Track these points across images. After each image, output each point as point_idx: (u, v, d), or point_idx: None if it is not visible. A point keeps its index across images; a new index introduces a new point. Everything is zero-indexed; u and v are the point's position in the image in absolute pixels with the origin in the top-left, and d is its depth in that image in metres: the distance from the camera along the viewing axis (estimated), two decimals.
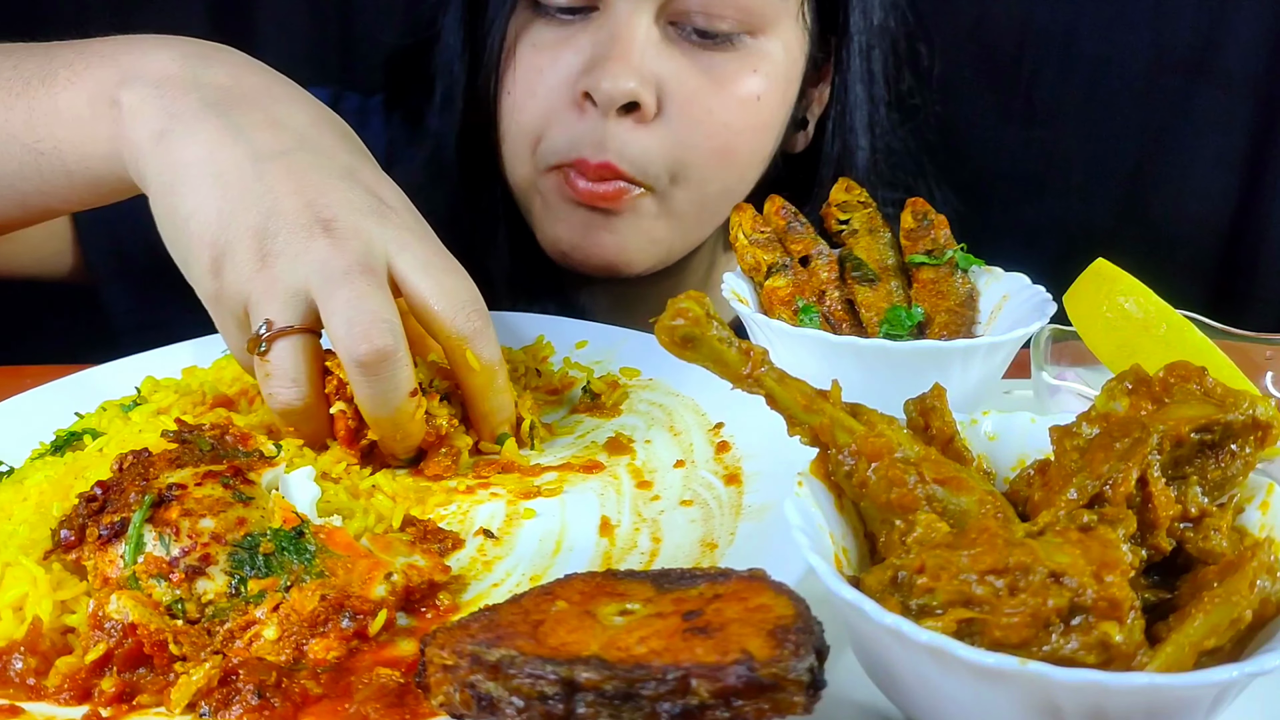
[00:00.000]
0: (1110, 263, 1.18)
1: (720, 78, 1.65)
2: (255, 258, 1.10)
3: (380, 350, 1.06)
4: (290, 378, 1.11)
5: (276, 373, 1.11)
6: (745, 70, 1.66)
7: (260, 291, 1.09)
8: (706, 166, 1.68)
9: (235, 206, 1.12)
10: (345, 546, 0.93)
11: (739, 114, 1.67)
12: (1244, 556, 0.72)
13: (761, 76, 1.67)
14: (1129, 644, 0.67)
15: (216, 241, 1.11)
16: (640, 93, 1.58)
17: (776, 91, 1.71)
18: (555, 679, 0.66)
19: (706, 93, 1.64)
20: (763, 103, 1.69)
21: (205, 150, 1.15)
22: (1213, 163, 2.22)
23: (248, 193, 1.12)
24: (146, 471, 0.96)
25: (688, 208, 1.72)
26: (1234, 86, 2.16)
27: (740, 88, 1.66)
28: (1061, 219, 2.25)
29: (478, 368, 1.15)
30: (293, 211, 1.11)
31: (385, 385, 1.08)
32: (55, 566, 0.95)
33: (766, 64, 1.67)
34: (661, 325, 0.84)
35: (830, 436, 0.82)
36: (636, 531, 1.05)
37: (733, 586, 0.74)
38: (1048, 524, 0.74)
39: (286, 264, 1.09)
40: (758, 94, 1.67)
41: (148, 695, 0.84)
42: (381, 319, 1.07)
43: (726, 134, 1.67)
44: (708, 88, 1.64)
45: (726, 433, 1.19)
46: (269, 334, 1.09)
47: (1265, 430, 0.79)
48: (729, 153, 1.69)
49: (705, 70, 1.64)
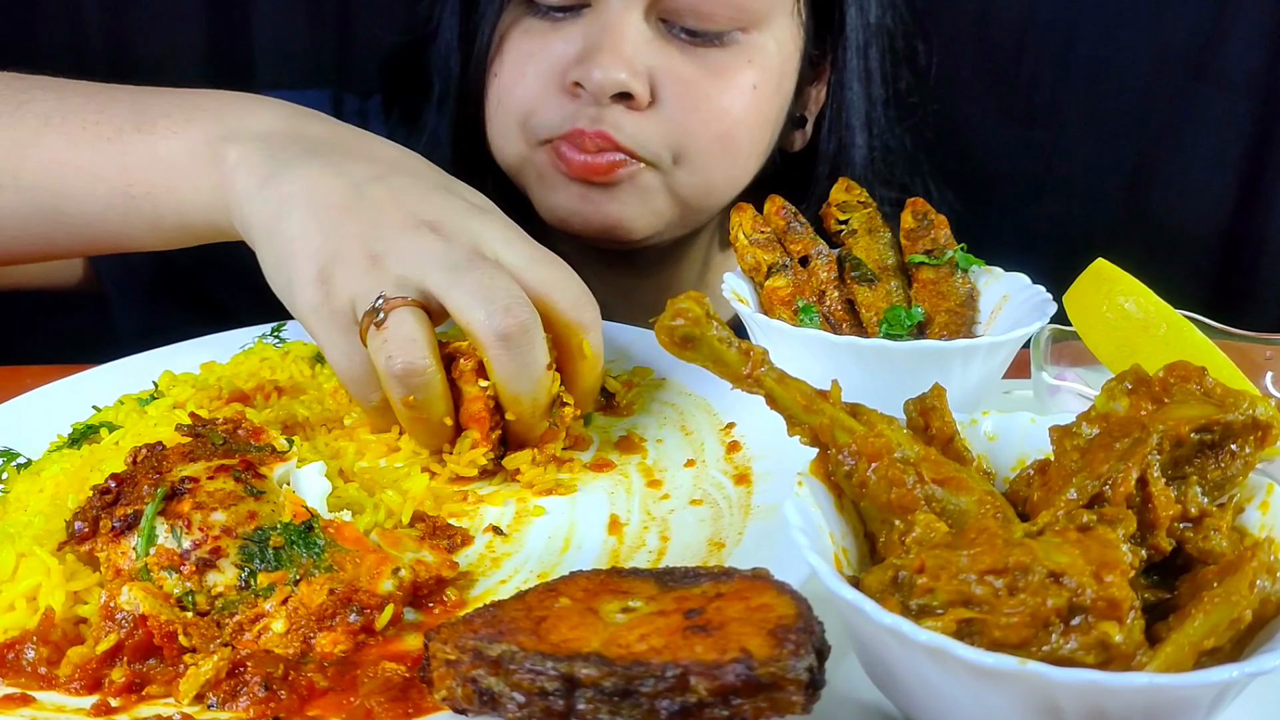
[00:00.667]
0: (1110, 263, 1.19)
1: (715, 69, 1.64)
2: (364, 259, 1.12)
3: (523, 322, 1.08)
4: (410, 338, 1.09)
5: (395, 336, 1.09)
6: (739, 63, 1.65)
7: (372, 284, 1.11)
8: (708, 153, 1.67)
9: (340, 220, 1.14)
10: (354, 541, 0.94)
11: (736, 101, 1.65)
12: (1244, 556, 0.72)
13: (756, 68, 1.66)
14: (1129, 644, 0.67)
15: (321, 252, 1.13)
16: (631, 83, 1.56)
17: (772, 83, 1.70)
18: (555, 675, 0.67)
19: (702, 81, 1.63)
20: (759, 92, 1.67)
21: (308, 183, 1.18)
22: (1213, 163, 2.22)
23: (350, 209, 1.15)
24: (160, 465, 0.96)
25: (691, 191, 1.70)
26: (1234, 86, 2.16)
27: (736, 78, 1.65)
28: (1061, 219, 2.25)
29: (590, 355, 1.18)
30: (398, 218, 1.14)
31: (527, 358, 1.10)
32: (69, 557, 0.96)
33: (761, 57, 1.66)
34: (661, 325, 0.84)
35: (830, 436, 0.83)
36: (645, 530, 1.06)
37: (735, 586, 0.74)
38: (1047, 524, 0.75)
39: (397, 259, 1.11)
40: (753, 83, 1.66)
41: (157, 686, 0.85)
42: (516, 294, 1.10)
43: (725, 120, 1.65)
44: (703, 77, 1.63)
45: (738, 432, 1.20)
46: (384, 304, 1.09)
47: (1265, 430, 0.80)
48: (729, 139, 1.68)
49: (699, 63, 1.63)
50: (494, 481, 1.16)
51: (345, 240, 1.13)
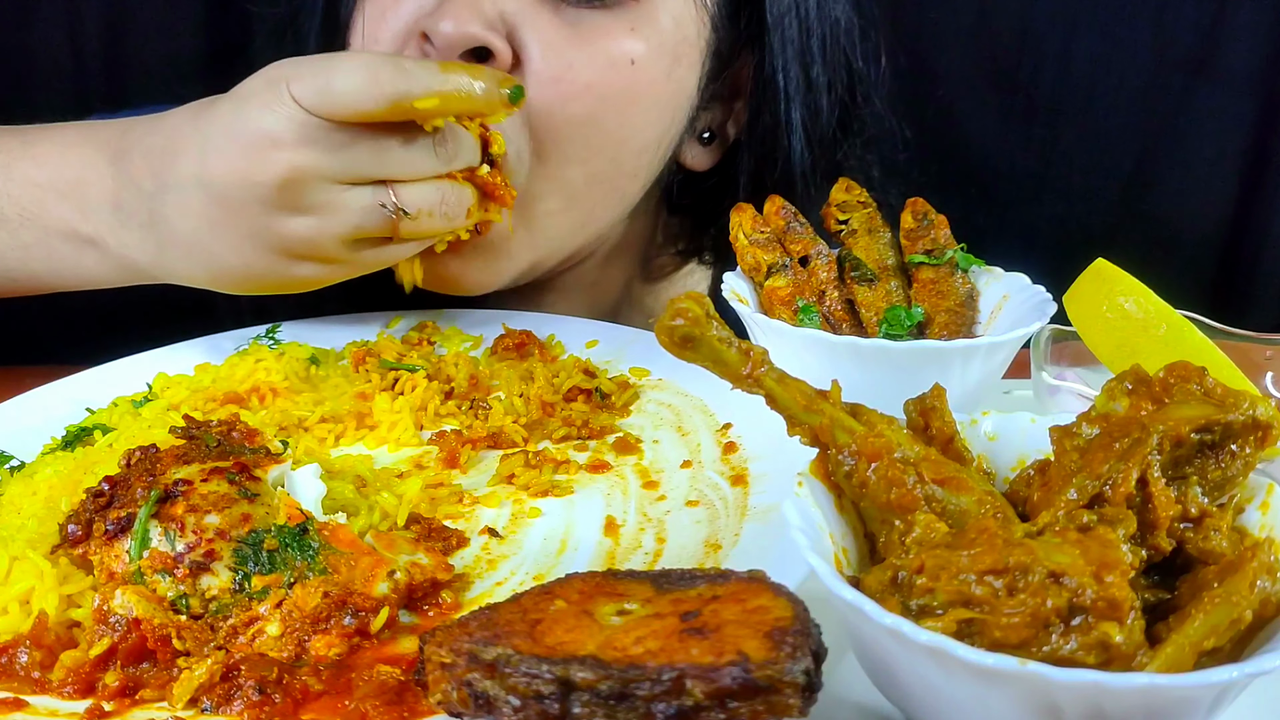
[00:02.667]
0: (1110, 263, 1.19)
1: (587, 33, 1.38)
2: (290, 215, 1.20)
3: None
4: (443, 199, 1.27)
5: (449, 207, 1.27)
6: (619, 28, 1.40)
7: (333, 221, 1.21)
8: (568, 141, 1.40)
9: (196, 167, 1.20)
10: (349, 544, 0.94)
11: (607, 76, 1.39)
12: (1244, 557, 0.72)
13: (639, 39, 1.41)
14: (1129, 644, 0.67)
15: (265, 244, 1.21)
16: (487, 37, 1.33)
17: (658, 62, 1.44)
18: (551, 678, 0.67)
19: (568, 44, 1.37)
20: (638, 69, 1.41)
21: None
22: (1213, 163, 2.22)
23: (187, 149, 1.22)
24: (153, 467, 0.96)
25: (558, 215, 1.46)
26: (1234, 86, 2.16)
27: (610, 46, 1.39)
28: (1061, 219, 2.25)
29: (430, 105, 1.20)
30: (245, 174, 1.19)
31: None
32: (62, 561, 0.96)
33: (647, 27, 1.42)
34: (661, 325, 0.84)
35: (830, 436, 0.82)
36: (641, 531, 1.06)
37: (732, 588, 0.74)
38: (1047, 524, 0.74)
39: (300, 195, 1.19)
40: (631, 57, 1.40)
41: (151, 690, 0.85)
42: None
43: (589, 98, 1.38)
44: (570, 39, 1.38)
45: (734, 433, 1.20)
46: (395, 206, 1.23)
47: (1265, 430, 0.79)
48: (595, 124, 1.41)
49: (571, 24, 1.38)
50: (491, 483, 1.16)
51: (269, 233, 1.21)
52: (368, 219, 1.22)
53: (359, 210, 1.22)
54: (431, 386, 1.30)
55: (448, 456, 1.20)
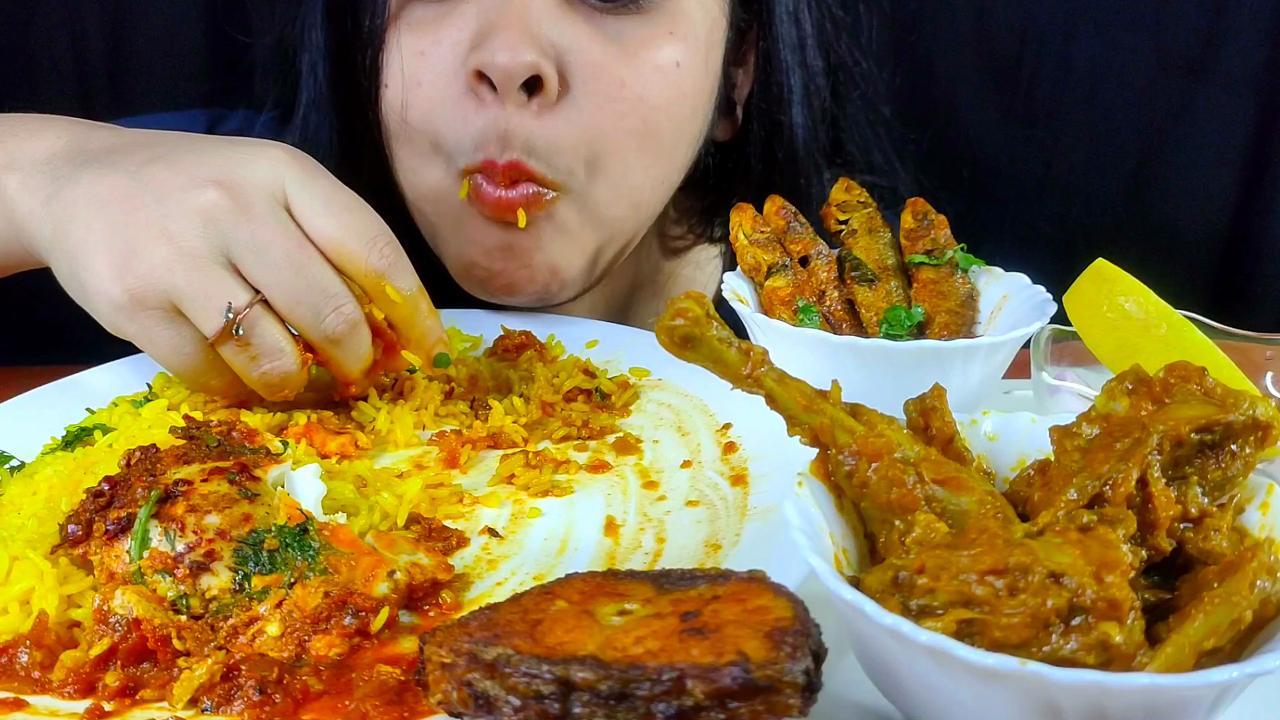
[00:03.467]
0: (1110, 263, 1.18)
1: (631, 45, 1.42)
2: (159, 240, 1.12)
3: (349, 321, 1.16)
4: (277, 347, 1.15)
5: (265, 349, 1.15)
6: (659, 34, 1.43)
7: (184, 272, 1.11)
8: (626, 151, 1.45)
9: (122, 210, 1.14)
10: (349, 544, 0.94)
11: (657, 85, 1.44)
12: (1244, 557, 0.72)
13: (679, 40, 1.45)
14: (1129, 644, 0.67)
15: (112, 246, 1.13)
16: (541, 65, 1.34)
17: (698, 57, 1.49)
18: (551, 678, 0.66)
19: (616, 62, 1.41)
20: (683, 70, 1.46)
21: (87, 188, 1.18)
22: (1213, 163, 2.22)
23: (131, 197, 1.14)
24: (153, 467, 0.96)
25: (614, 208, 1.49)
26: (1234, 86, 2.17)
27: (655, 54, 1.43)
28: (1061, 219, 2.25)
29: (399, 300, 1.19)
30: (180, 186, 1.14)
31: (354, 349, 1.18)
32: (62, 561, 0.96)
33: (684, 25, 1.46)
34: (661, 325, 0.84)
35: (830, 437, 0.82)
36: (641, 532, 1.06)
37: (732, 588, 0.74)
38: (1047, 524, 0.74)
39: (194, 230, 1.11)
40: (676, 60, 1.45)
41: (151, 690, 0.85)
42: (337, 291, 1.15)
43: (644, 109, 1.43)
44: (617, 56, 1.41)
45: (734, 433, 1.20)
46: (235, 316, 1.12)
47: (1265, 430, 0.79)
48: (650, 133, 1.46)
49: (613, 38, 1.41)
50: (491, 483, 1.16)
51: (134, 229, 1.12)
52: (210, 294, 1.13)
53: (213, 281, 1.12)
54: (432, 386, 1.30)
55: (448, 456, 1.20)
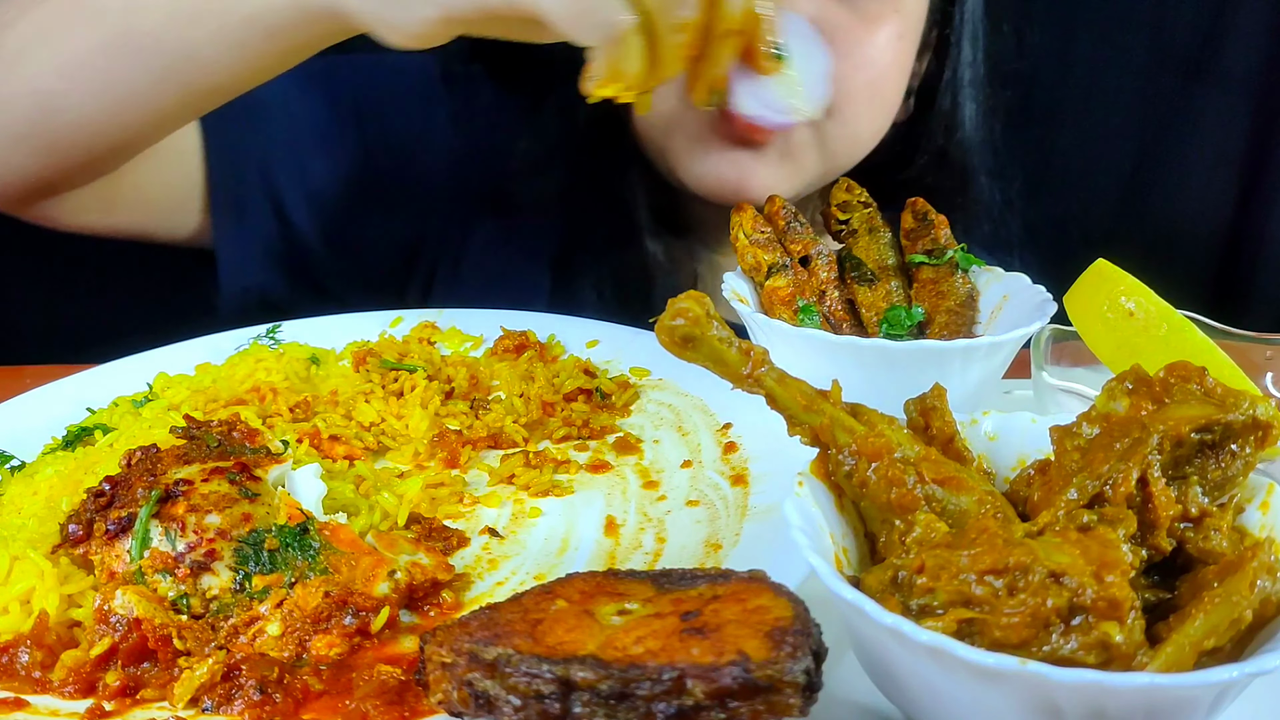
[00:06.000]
0: (1110, 263, 1.18)
1: (866, 16, 1.62)
2: None
3: None
4: None
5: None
6: (887, 11, 1.64)
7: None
8: (859, 101, 1.64)
9: None
10: (350, 543, 0.94)
11: (885, 49, 1.64)
12: (1244, 556, 0.72)
13: (902, 17, 1.65)
14: (1129, 644, 0.67)
15: None
16: None
17: (911, 36, 1.70)
18: (551, 678, 0.67)
19: (854, 26, 1.60)
20: (903, 43, 1.67)
21: None
22: (1212, 163, 2.22)
23: None
24: (154, 467, 0.96)
25: (840, 145, 1.67)
26: (1234, 86, 2.16)
27: (884, 26, 1.63)
28: (1061, 219, 2.25)
29: None
30: None
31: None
32: (63, 561, 0.96)
33: (907, 5, 1.66)
34: (662, 325, 0.84)
35: (830, 436, 0.82)
36: (641, 531, 1.06)
37: (732, 588, 0.74)
38: (1047, 524, 0.74)
39: None
40: (899, 32, 1.65)
41: (151, 690, 0.85)
42: None
43: (875, 68, 1.64)
44: (855, 22, 1.60)
45: (734, 433, 1.20)
46: None
47: (1265, 430, 0.79)
48: (878, 88, 1.67)
49: (850, 8, 1.61)
50: (491, 483, 1.16)
51: None
52: None
53: None
54: (431, 386, 1.30)
55: (448, 456, 1.20)
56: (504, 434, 1.24)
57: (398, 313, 1.54)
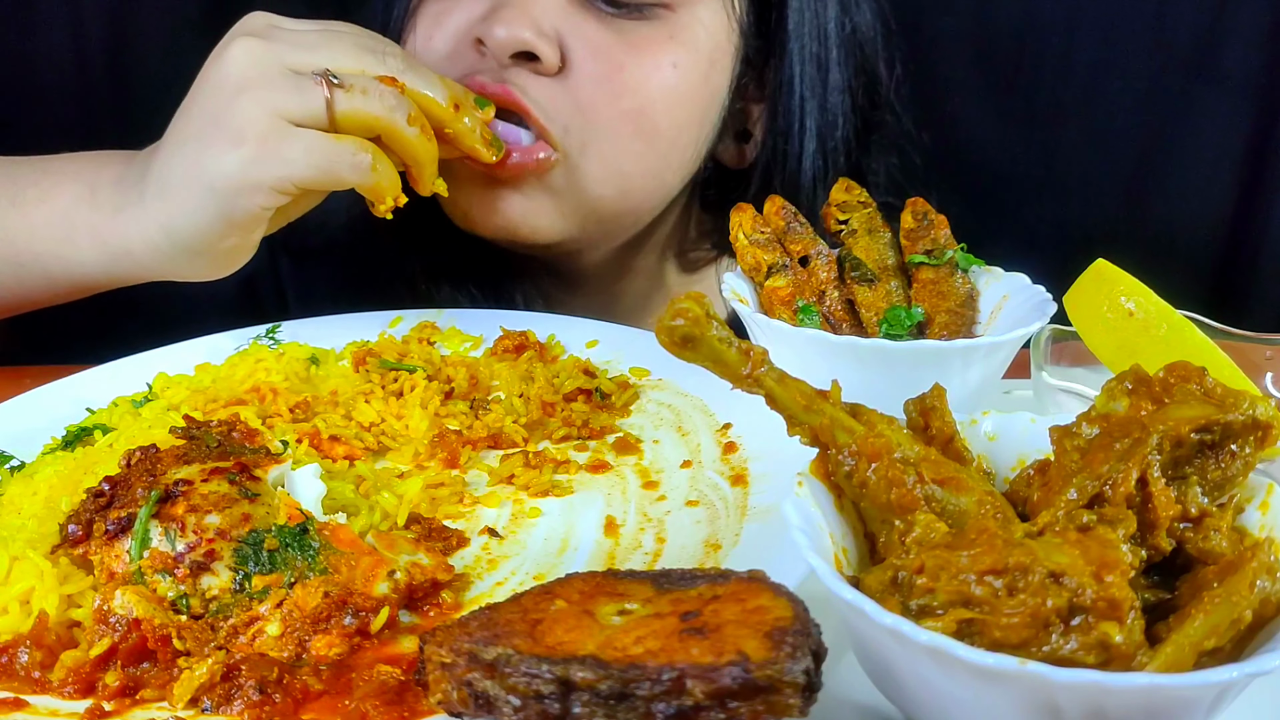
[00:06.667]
0: (1110, 263, 1.18)
1: (633, 41, 1.52)
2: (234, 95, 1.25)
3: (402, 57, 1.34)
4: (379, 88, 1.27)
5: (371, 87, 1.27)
6: (660, 37, 1.53)
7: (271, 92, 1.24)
8: (620, 133, 1.53)
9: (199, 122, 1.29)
10: (349, 544, 0.94)
11: (653, 75, 1.53)
12: (1244, 557, 0.72)
13: (679, 45, 1.54)
14: (1129, 644, 0.67)
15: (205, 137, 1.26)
16: (535, 43, 1.46)
17: (698, 67, 1.57)
18: (551, 678, 0.67)
19: (617, 49, 1.51)
20: (680, 72, 1.55)
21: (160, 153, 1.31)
22: (1213, 163, 2.22)
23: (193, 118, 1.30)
24: (154, 467, 0.96)
25: (603, 188, 1.57)
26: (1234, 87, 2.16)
27: (655, 52, 1.53)
28: (1061, 219, 2.24)
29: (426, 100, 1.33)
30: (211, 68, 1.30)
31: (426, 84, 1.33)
32: (63, 561, 0.96)
33: (685, 34, 1.55)
34: (662, 325, 0.84)
35: (830, 436, 0.82)
36: (641, 532, 1.06)
37: (732, 588, 0.74)
38: (1047, 524, 0.74)
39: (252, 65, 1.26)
40: (674, 60, 1.54)
41: (151, 690, 0.85)
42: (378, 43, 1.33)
43: (640, 94, 1.53)
44: (619, 46, 1.51)
45: (734, 433, 1.20)
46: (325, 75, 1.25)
47: (1265, 430, 0.79)
48: (644, 117, 1.54)
49: (616, 33, 1.52)
50: (490, 483, 1.16)
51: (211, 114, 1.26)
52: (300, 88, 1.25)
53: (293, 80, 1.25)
54: (431, 386, 1.30)
55: (448, 456, 1.20)
56: (504, 434, 1.24)
57: (398, 313, 1.55)
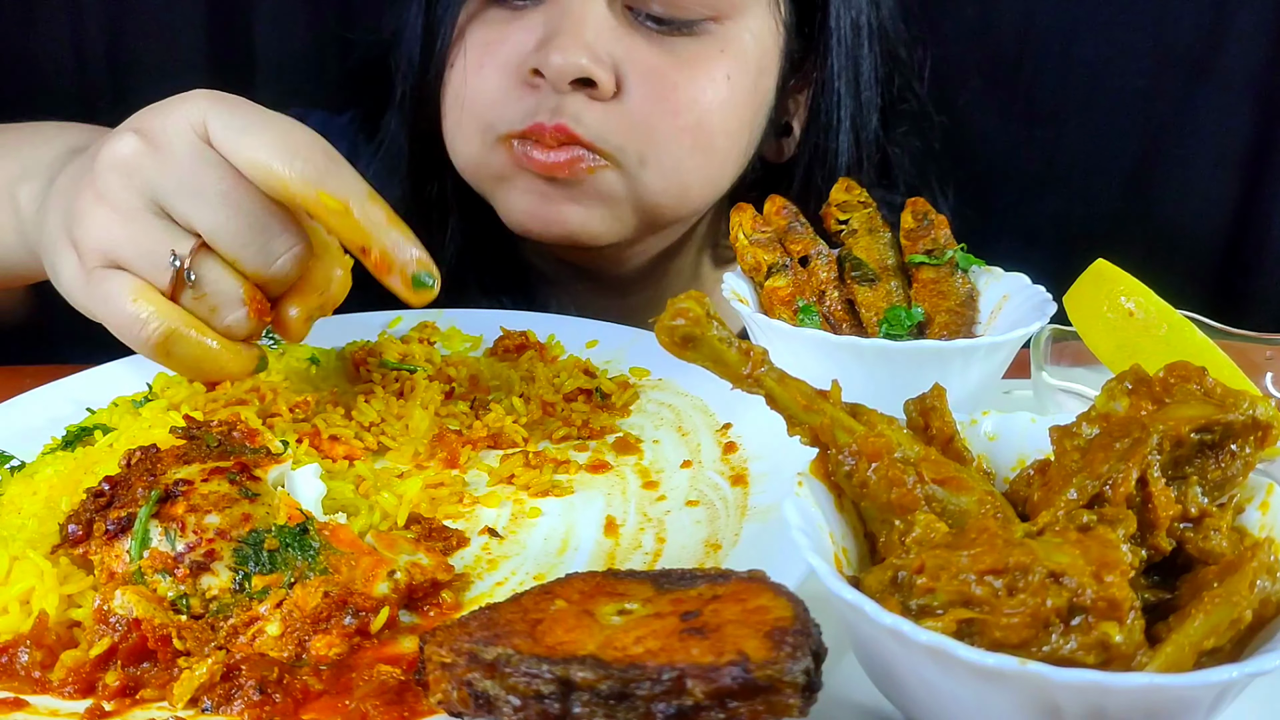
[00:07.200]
0: (1110, 263, 1.18)
1: (685, 58, 1.55)
2: (95, 202, 1.11)
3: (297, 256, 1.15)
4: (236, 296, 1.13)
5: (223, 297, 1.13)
6: (711, 52, 1.56)
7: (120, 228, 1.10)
8: (678, 147, 1.57)
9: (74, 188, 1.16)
10: (349, 544, 0.94)
11: (707, 89, 1.56)
12: (1244, 557, 0.72)
13: (730, 58, 1.57)
14: (1129, 644, 0.67)
15: (64, 223, 1.16)
16: (593, 69, 1.48)
17: (748, 76, 1.61)
18: (551, 678, 0.67)
19: (670, 69, 1.54)
20: (733, 83, 1.58)
21: (61, 180, 1.23)
22: (1213, 163, 2.22)
23: (80, 174, 1.17)
24: (154, 467, 0.96)
25: (662, 196, 1.61)
26: (1234, 86, 2.16)
27: (707, 67, 1.56)
28: (1062, 219, 2.24)
29: (338, 207, 1.08)
30: (103, 146, 1.12)
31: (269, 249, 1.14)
32: (63, 561, 0.95)
33: (735, 47, 1.58)
34: (661, 325, 0.84)
35: (830, 436, 0.82)
36: (641, 532, 1.06)
37: (732, 587, 0.74)
38: (1047, 524, 0.74)
39: (119, 184, 1.10)
40: (726, 73, 1.57)
41: (151, 690, 0.85)
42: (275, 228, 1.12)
43: (695, 110, 1.56)
44: (672, 65, 1.54)
45: (734, 433, 1.20)
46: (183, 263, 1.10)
47: (1265, 430, 0.79)
48: (701, 131, 1.58)
49: (668, 51, 1.54)
50: (490, 483, 1.16)
51: (76, 200, 1.14)
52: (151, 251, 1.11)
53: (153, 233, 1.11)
54: (431, 386, 1.30)
55: (448, 456, 1.20)
56: (504, 434, 1.24)
57: (398, 313, 1.54)
